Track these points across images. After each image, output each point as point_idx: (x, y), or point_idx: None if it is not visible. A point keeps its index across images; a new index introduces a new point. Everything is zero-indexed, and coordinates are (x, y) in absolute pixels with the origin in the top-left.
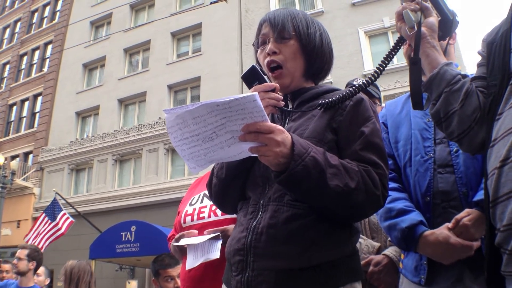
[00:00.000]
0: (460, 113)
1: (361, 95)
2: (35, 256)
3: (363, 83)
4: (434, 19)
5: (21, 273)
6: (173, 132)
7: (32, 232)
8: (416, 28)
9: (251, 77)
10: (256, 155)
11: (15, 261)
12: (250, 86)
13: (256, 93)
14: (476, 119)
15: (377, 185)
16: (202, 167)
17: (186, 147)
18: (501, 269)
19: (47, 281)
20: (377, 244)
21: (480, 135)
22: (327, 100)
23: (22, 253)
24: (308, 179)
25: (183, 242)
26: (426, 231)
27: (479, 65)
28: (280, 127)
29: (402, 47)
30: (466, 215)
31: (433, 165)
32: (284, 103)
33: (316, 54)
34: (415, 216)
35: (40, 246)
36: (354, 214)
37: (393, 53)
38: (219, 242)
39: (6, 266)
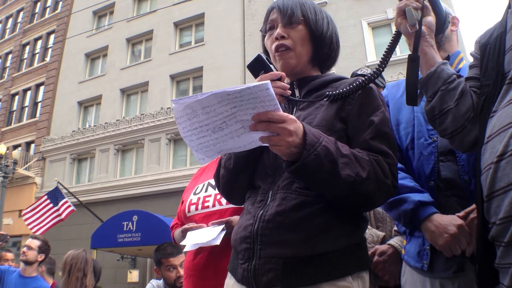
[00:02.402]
0: (455, 111)
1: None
2: (45, 249)
3: (367, 78)
4: (432, 18)
5: (28, 262)
6: (181, 122)
7: (30, 211)
8: (417, 26)
9: (257, 66)
10: (267, 145)
11: (24, 249)
12: (256, 75)
13: (268, 81)
14: (470, 118)
15: (387, 174)
16: (211, 158)
17: (195, 137)
18: (495, 262)
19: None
20: (381, 234)
21: (472, 133)
22: (334, 92)
23: (33, 243)
24: (320, 169)
25: (188, 241)
26: (438, 213)
27: (471, 67)
28: (292, 116)
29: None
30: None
31: (437, 150)
32: (290, 92)
33: (324, 41)
34: (428, 196)
35: (35, 230)
36: (364, 203)
37: (393, 48)
38: (223, 233)
39: (9, 255)
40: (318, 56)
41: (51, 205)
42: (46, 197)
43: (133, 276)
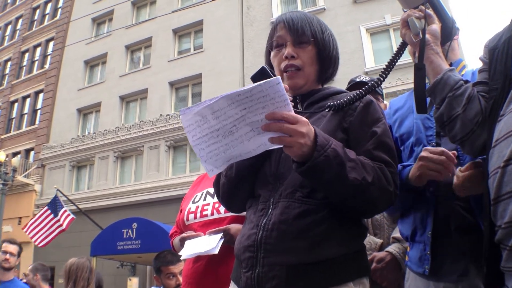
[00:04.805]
0: (463, 117)
1: (370, 97)
2: (20, 253)
3: (368, 87)
4: (436, 26)
5: (9, 269)
6: (191, 130)
7: (32, 224)
8: (421, 35)
9: (261, 78)
10: (277, 146)
11: (7, 256)
12: None
13: (279, 76)
14: (478, 122)
15: (390, 182)
16: (219, 169)
17: (205, 145)
18: (500, 265)
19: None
20: (379, 241)
21: (482, 138)
22: (336, 102)
23: (14, 249)
24: (329, 170)
25: (187, 249)
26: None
27: (480, 71)
28: (304, 118)
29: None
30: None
31: None
32: (293, 103)
33: (330, 60)
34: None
35: (39, 242)
36: (368, 209)
37: (397, 58)
38: (221, 241)
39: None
40: (324, 75)
41: (52, 215)
42: (46, 208)
43: (133, 283)
